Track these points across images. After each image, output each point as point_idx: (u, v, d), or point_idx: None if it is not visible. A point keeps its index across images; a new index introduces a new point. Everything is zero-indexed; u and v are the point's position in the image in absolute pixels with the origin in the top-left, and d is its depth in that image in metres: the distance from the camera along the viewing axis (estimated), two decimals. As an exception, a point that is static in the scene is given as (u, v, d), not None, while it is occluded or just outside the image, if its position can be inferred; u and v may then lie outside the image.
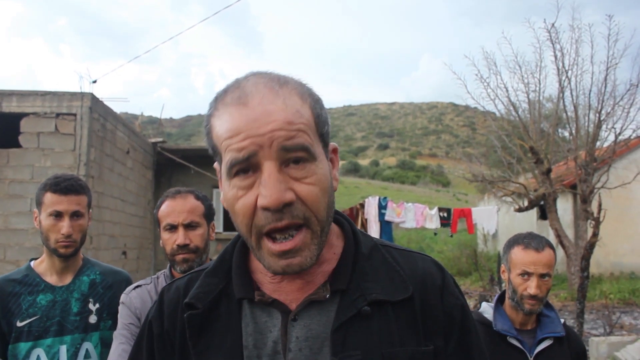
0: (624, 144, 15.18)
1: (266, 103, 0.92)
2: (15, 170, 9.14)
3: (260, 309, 1.02)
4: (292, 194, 0.91)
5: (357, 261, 1.05)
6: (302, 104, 0.95)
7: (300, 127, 0.92)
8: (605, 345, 7.40)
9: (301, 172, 0.92)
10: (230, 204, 0.96)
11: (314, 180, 0.93)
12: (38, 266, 2.27)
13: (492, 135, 17.10)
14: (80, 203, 2.21)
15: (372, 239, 1.12)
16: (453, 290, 1.09)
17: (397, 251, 1.11)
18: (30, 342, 2.13)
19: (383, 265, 1.06)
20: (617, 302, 13.18)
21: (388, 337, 0.99)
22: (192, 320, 1.03)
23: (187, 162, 13.40)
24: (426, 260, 1.12)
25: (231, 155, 0.92)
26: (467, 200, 40.19)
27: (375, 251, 1.08)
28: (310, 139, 0.94)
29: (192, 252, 2.10)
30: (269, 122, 0.90)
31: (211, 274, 1.08)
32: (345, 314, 0.98)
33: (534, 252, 2.18)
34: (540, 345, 2.20)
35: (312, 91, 1.01)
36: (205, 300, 1.04)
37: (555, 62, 14.64)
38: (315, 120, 0.97)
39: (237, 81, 0.99)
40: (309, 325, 0.99)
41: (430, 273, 1.08)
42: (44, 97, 9.36)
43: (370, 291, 1.01)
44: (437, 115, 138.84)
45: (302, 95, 0.97)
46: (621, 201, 15.69)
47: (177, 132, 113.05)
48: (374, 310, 1.00)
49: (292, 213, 0.91)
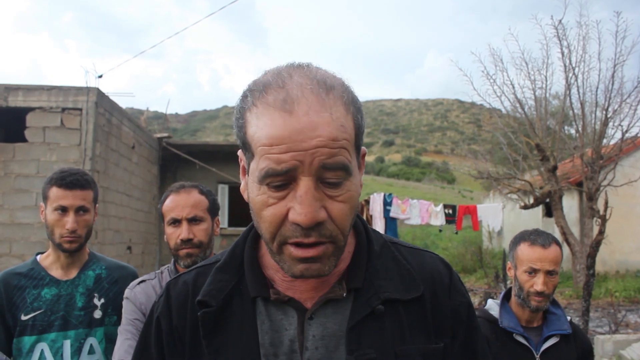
0: (630, 142, 15.08)
1: (313, 114, 0.87)
2: (21, 164, 9.17)
3: (275, 306, 1.01)
4: (324, 213, 0.89)
5: (370, 259, 1.05)
6: (346, 116, 0.91)
7: (343, 143, 0.89)
8: (611, 344, 7.37)
9: (336, 190, 0.90)
10: (258, 207, 0.93)
11: (346, 197, 0.91)
12: (44, 260, 2.27)
13: (498, 132, 17.04)
14: (86, 198, 2.20)
15: (382, 237, 1.11)
16: (460, 288, 1.11)
17: (405, 249, 1.12)
18: (34, 336, 2.12)
19: (394, 264, 1.06)
20: (622, 300, 13.13)
21: (400, 335, 1.00)
22: (206, 318, 1.01)
23: (193, 157, 13.42)
24: (434, 259, 1.13)
25: (268, 165, 0.88)
26: (472, 197, 40.13)
27: (386, 249, 1.08)
28: (350, 156, 0.91)
29: (195, 247, 2.09)
30: (314, 136, 0.86)
31: (222, 270, 1.06)
32: (360, 312, 0.99)
33: (541, 249, 2.17)
34: (547, 343, 2.19)
35: (355, 97, 0.96)
36: (218, 298, 1.02)
37: (562, 59, 14.57)
38: (356, 132, 0.94)
39: (280, 77, 0.92)
40: (325, 323, 0.99)
41: (438, 271, 1.09)
42: (49, 92, 9.37)
43: (384, 290, 1.01)
44: (443, 112, 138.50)
45: (347, 105, 0.92)
46: (627, 199, 15.62)
47: (183, 127, 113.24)
48: (387, 309, 1.00)
49: (321, 232, 0.90)
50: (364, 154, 1.03)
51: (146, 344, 1.10)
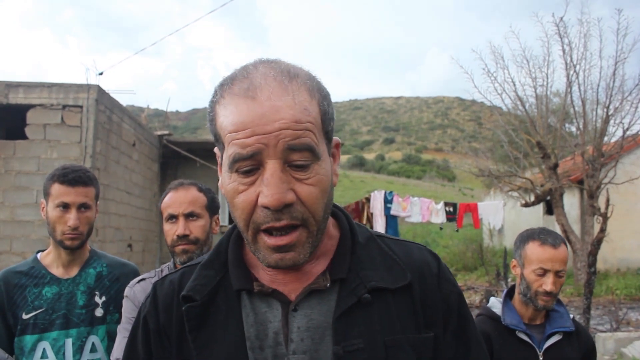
0: (631, 139, 15.08)
1: (275, 98, 0.89)
2: (22, 161, 9.15)
3: (259, 299, 1.02)
4: (292, 194, 0.91)
5: (355, 250, 1.05)
6: (310, 101, 0.93)
7: (307, 126, 0.91)
8: (612, 341, 7.37)
9: (303, 172, 0.92)
10: (229, 195, 0.95)
11: (314, 180, 0.92)
12: (44, 258, 2.26)
13: (499, 130, 17.02)
14: (88, 195, 2.19)
15: (367, 230, 1.12)
16: (449, 278, 1.11)
17: (392, 241, 1.12)
18: (36, 335, 2.11)
19: (380, 254, 1.06)
20: (623, 298, 13.12)
21: (389, 324, 1.00)
22: (191, 312, 1.01)
23: (193, 155, 13.41)
24: (421, 250, 1.13)
25: (235, 150, 0.91)
26: (473, 195, 40.10)
27: (371, 241, 1.09)
28: (316, 138, 0.93)
29: (192, 243, 2.08)
30: (276, 119, 0.88)
31: (207, 267, 1.07)
32: (346, 302, 0.98)
33: (552, 249, 2.15)
34: (550, 340, 2.18)
35: (321, 85, 0.99)
36: (202, 293, 1.02)
37: (563, 57, 14.56)
38: (322, 117, 0.96)
39: (246, 69, 0.96)
40: (309, 315, 0.99)
41: (426, 261, 1.09)
42: (50, 89, 9.35)
43: (370, 279, 1.01)
44: (443, 109, 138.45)
45: (311, 91, 0.94)
46: (628, 197, 15.61)
47: (183, 125, 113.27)
48: (374, 298, 1.00)
49: (292, 214, 0.91)
50: (337, 144, 1.05)
51: (134, 345, 1.10)
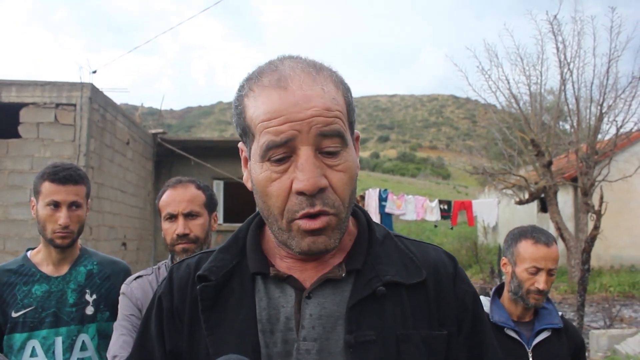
0: (625, 137, 15.14)
1: (306, 88, 0.93)
2: (15, 160, 9.11)
3: (274, 284, 1.03)
4: (325, 180, 0.93)
5: (372, 245, 1.06)
6: (336, 92, 0.97)
7: (336, 114, 0.94)
8: (606, 338, 7.40)
9: (334, 159, 0.95)
10: (262, 185, 0.96)
11: (344, 167, 0.95)
12: (34, 256, 2.24)
13: (493, 128, 17.07)
14: (79, 193, 2.18)
15: (384, 228, 1.13)
16: (465, 278, 1.11)
17: (409, 241, 1.13)
18: (25, 333, 2.10)
19: (396, 251, 1.07)
20: (617, 295, 13.19)
21: (402, 319, 1.00)
22: (205, 292, 1.03)
23: (187, 153, 13.38)
24: (438, 250, 1.14)
25: (268, 138, 0.93)
26: (467, 193, 40.19)
27: (388, 239, 1.10)
28: (345, 126, 0.96)
29: (192, 242, 2.07)
30: (309, 107, 0.92)
31: (225, 251, 1.09)
32: (360, 293, 0.99)
33: (545, 247, 2.15)
34: (538, 337, 2.18)
35: (343, 79, 1.03)
36: (218, 274, 1.04)
37: (557, 55, 14.60)
38: (347, 108, 0.99)
39: (273, 64, 0.99)
40: (323, 303, 1.00)
41: (442, 261, 1.10)
42: (43, 87, 9.31)
43: (385, 273, 1.02)
44: (438, 107, 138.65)
45: (336, 83, 0.99)
46: (622, 194, 15.67)
47: (177, 123, 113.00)
48: (389, 292, 1.00)
49: (324, 200, 0.93)
50: (357, 137, 1.07)
51: (147, 325, 1.12)
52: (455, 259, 1.14)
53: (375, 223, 1.14)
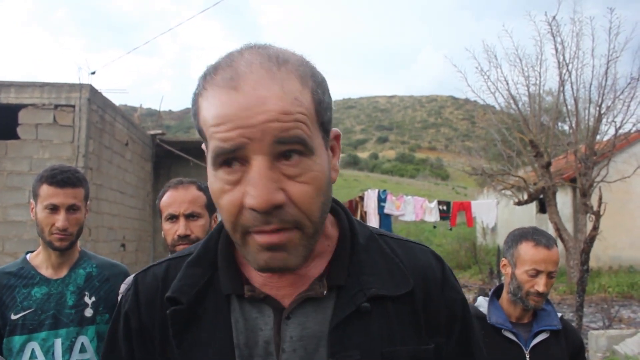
0: (624, 138, 15.17)
1: (260, 88, 0.80)
2: (14, 161, 9.10)
3: (250, 304, 0.94)
4: (282, 195, 0.81)
5: (355, 253, 0.97)
6: (302, 89, 0.83)
7: (298, 117, 0.80)
8: (605, 339, 7.40)
9: (295, 169, 0.82)
10: (215, 196, 0.86)
11: (308, 178, 0.82)
12: (34, 259, 2.25)
13: (492, 129, 17.07)
14: (77, 196, 2.17)
15: (368, 229, 1.03)
16: (453, 284, 1.04)
17: (394, 241, 1.03)
18: (24, 336, 2.10)
19: (381, 257, 0.98)
20: (615, 295, 13.19)
21: (388, 334, 0.92)
22: (176, 316, 0.93)
23: (186, 154, 13.38)
24: (425, 252, 1.05)
25: (216, 145, 0.82)
26: (466, 194, 40.21)
27: (372, 242, 1.00)
28: (309, 131, 0.82)
29: (192, 243, 2.07)
30: (262, 111, 0.79)
31: (195, 264, 0.98)
32: (343, 311, 0.91)
33: (545, 250, 2.14)
34: (536, 339, 2.17)
35: (315, 71, 0.88)
36: (189, 294, 0.94)
37: (556, 55, 14.61)
38: (316, 107, 0.85)
39: (230, 57, 0.86)
40: (304, 323, 0.91)
41: (430, 265, 1.02)
42: (42, 89, 9.31)
43: (370, 285, 0.93)
44: (437, 108, 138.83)
45: (303, 78, 0.84)
46: (620, 195, 15.68)
47: (176, 124, 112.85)
48: (374, 307, 0.92)
49: (281, 217, 0.81)
50: (336, 136, 0.95)
51: (115, 340, 1.03)
52: (443, 261, 1.06)
53: (358, 222, 1.03)
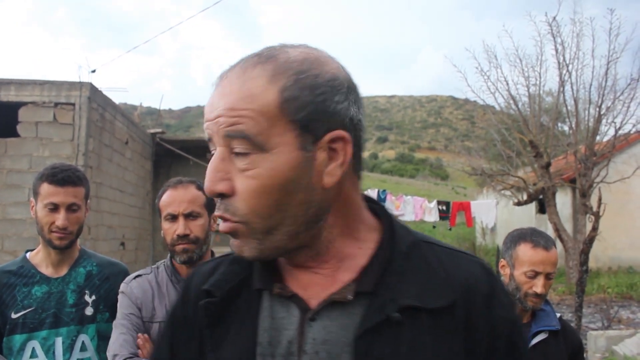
0: (623, 139, 15.16)
1: (227, 85, 0.86)
2: (13, 159, 9.11)
3: (280, 303, 0.94)
4: (225, 185, 0.85)
5: (393, 259, 0.92)
6: (265, 87, 0.84)
7: (243, 113, 0.83)
8: (604, 339, 7.41)
9: (244, 163, 0.84)
10: None
11: (255, 174, 0.83)
12: (34, 257, 2.25)
13: (492, 129, 17.07)
14: (77, 195, 2.17)
15: (414, 235, 0.98)
16: (502, 301, 0.95)
17: (442, 250, 0.97)
18: (25, 334, 2.10)
19: (422, 266, 0.92)
20: (615, 296, 13.19)
21: (420, 349, 0.86)
22: (209, 309, 0.97)
23: (186, 153, 13.38)
24: (474, 263, 0.97)
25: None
26: (465, 194, 40.23)
27: (416, 249, 0.94)
28: (258, 127, 0.83)
29: (192, 243, 2.08)
30: (217, 107, 0.85)
31: (235, 261, 1.01)
32: (371, 319, 0.86)
33: (544, 251, 2.14)
34: (535, 339, 2.17)
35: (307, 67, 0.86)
36: (223, 289, 0.97)
37: (556, 56, 14.61)
38: (282, 104, 0.83)
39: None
40: (328, 327, 0.89)
41: (476, 278, 0.94)
42: (42, 87, 9.31)
43: (404, 295, 0.87)
44: (437, 108, 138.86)
45: (276, 76, 0.84)
46: (620, 195, 15.68)
47: (176, 123, 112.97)
48: (406, 318, 0.86)
49: (226, 207, 0.86)
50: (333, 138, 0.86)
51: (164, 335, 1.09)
52: (494, 275, 0.97)
53: (404, 228, 0.99)
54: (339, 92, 0.87)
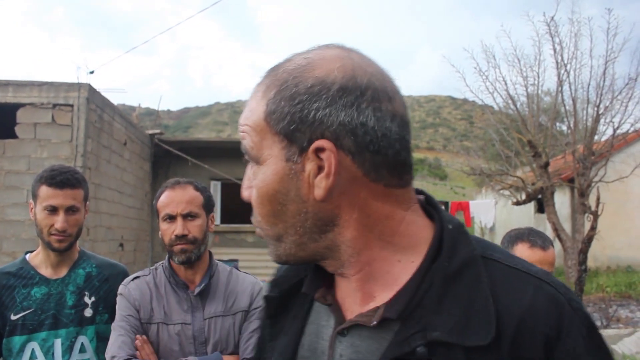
0: (621, 138, 15.17)
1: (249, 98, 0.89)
2: (12, 161, 9.09)
3: (325, 309, 0.91)
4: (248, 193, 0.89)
5: (433, 282, 0.80)
6: (259, 102, 0.85)
7: (245, 129, 0.86)
8: (602, 339, 7.42)
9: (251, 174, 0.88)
10: None
11: (254, 184, 0.87)
12: (33, 259, 2.25)
13: (490, 129, 17.06)
14: (76, 197, 2.18)
15: (472, 248, 0.83)
16: (574, 343, 0.76)
17: (503, 269, 0.82)
18: (24, 336, 2.11)
19: (470, 291, 0.78)
20: (613, 295, 13.21)
21: None
22: (269, 303, 1.01)
23: (185, 154, 13.36)
24: (541, 290, 0.79)
25: None
26: (464, 194, 40.25)
27: (469, 268, 0.80)
28: (252, 142, 0.85)
29: (190, 243, 2.09)
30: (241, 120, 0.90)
31: None
32: (394, 350, 0.77)
33: (541, 251, 2.15)
34: None
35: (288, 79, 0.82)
36: (282, 287, 0.99)
37: (554, 56, 14.58)
38: (267, 117, 0.82)
39: None
40: (357, 346, 0.83)
41: (537, 312, 0.76)
42: (40, 88, 9.30)
43: (435, 327, 0.76)
44: (435, 108, 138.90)
45: (267, 90, 0.84)
46: (618, 195, 15.70)
47: (175, 123, 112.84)
48: (435, 353, 0.75)
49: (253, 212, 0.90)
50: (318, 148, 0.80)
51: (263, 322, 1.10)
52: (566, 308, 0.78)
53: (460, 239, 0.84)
54: (320, 99, 0.79)
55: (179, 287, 2.12)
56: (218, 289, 2.16)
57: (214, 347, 2.06)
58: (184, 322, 2.06)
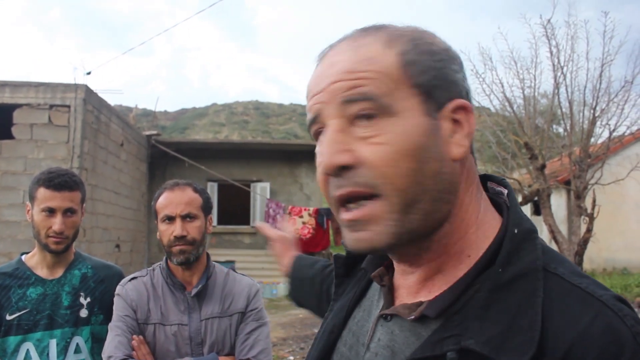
0: (618, 141, 15.16)
1: (336, 56, 0.78)
2: (8, 162, 9.09)
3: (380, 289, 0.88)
4: (348, 156, 0.73)
5: (481, 289, 0.73)
6: (382, 51, 0.76)
7: (366, 74, 0.74)
8: (598, 341, 7.43)
9: (368, 130, 0.74)
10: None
11: (385, 139, 0.72)
12: (29, 260, 2.25)
13: (487, 131, 17.08)
14: (74, 199, 2.18)
15: (535, 259, 0.74)
16: None
17: (566, 286, 0.72)
18: (19, 336, 2.10)
19: (520, 304, 0.70)
20: (609, 297, 13.26)
21: None
22: (337, 261, 1.01)
23: (182, 155, 13.37)
24: (602, 317, 0.67)
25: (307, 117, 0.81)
26: (461, 196, 40.25)
27: (525, 280, 0.72)
28: (384, 88, 0.74)
29: (189, 244, 2.10)
30: (328, 75, 0.76)
31: None
32: (425, 349, 0.73)
33: None
34: None
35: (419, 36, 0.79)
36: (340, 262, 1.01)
37: (551, 58, 14.59)
38: (403, 67, 0.75)
39: None
40: (396, 335, 0.79)
41: (591, 340, 0.65)
42: (37, 88, 9.30)
43: (472, 335, 0.69)
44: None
45: (391, 41, 0.77)
46: (614, 197, 15.75)
47: (172, 124, 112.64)
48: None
49: (353, 179, 0.73)
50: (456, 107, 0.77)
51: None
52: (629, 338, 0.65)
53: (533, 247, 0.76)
54: (455, 62, 0.80)
55: (176, 288, 2.13)
56: (215, 290, 2.16)
57: (210, 348, 2.07)
58: (180, 323, 2.06)
